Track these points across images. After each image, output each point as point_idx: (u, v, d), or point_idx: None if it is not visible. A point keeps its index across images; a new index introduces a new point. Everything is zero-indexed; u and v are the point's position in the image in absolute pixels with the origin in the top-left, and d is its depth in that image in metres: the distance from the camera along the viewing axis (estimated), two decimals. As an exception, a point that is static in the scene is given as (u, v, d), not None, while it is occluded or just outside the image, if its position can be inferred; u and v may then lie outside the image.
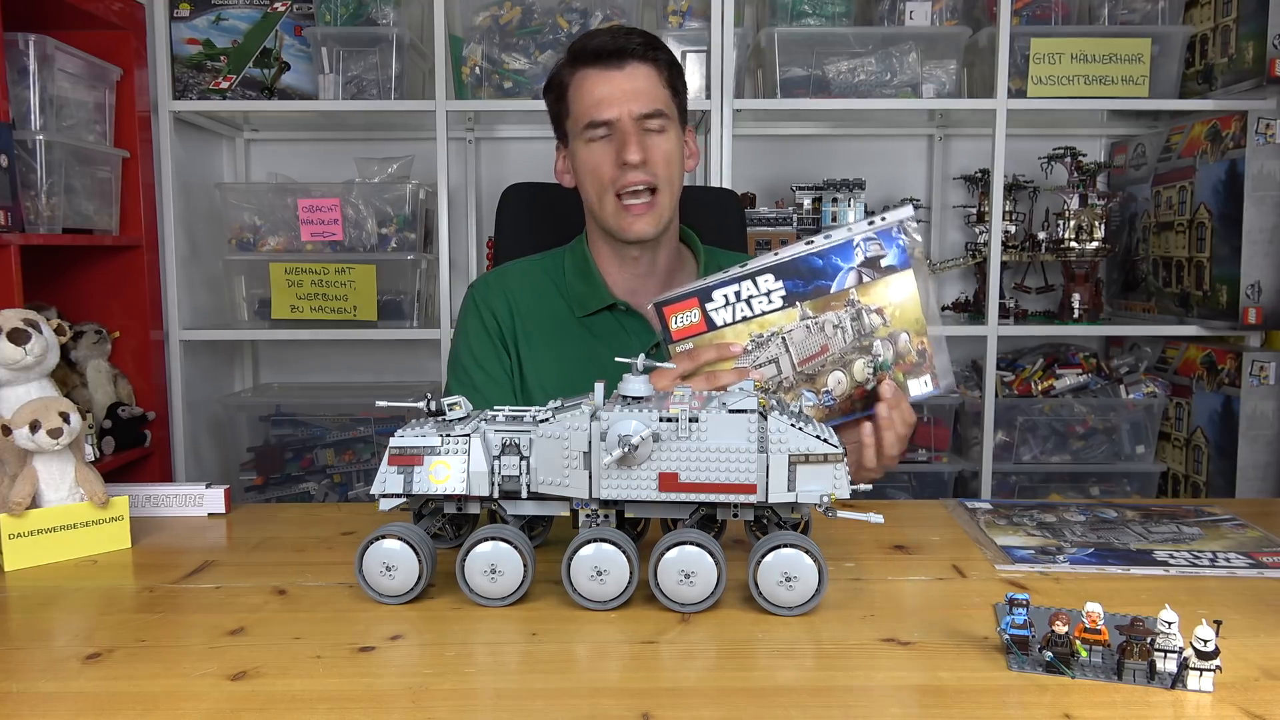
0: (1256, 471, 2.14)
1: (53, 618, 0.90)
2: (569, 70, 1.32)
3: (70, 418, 1.06)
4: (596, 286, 1.38)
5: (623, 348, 1.36)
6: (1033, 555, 1.03)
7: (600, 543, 0.88)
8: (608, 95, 1.28)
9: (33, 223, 1.76)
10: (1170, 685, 0.73)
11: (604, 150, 1.29)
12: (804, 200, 2.38)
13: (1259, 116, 2.06)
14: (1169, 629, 0.73)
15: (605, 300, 1.37)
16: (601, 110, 1.27)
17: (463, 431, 0.91)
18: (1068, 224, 2.31)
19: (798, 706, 0.71)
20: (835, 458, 0.87)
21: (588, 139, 1.30)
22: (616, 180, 1.28)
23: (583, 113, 1.29)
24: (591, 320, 1.38)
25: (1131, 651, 0.74)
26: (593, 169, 1.30)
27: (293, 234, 2.23)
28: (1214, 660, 0.72)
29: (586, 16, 2.19)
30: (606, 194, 1.30)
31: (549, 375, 1.37)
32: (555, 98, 1.35)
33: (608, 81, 1.28)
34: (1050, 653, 0.76)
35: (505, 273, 1.45)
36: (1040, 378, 2.39)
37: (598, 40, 1.29)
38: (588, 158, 1.31)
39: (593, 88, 1.28)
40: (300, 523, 1.21)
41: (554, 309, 1.39)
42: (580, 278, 1.40)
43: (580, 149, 1.31)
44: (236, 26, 2.24)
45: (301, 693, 0.73)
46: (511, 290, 1.41)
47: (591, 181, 1.31)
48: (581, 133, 1.30)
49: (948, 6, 2.24)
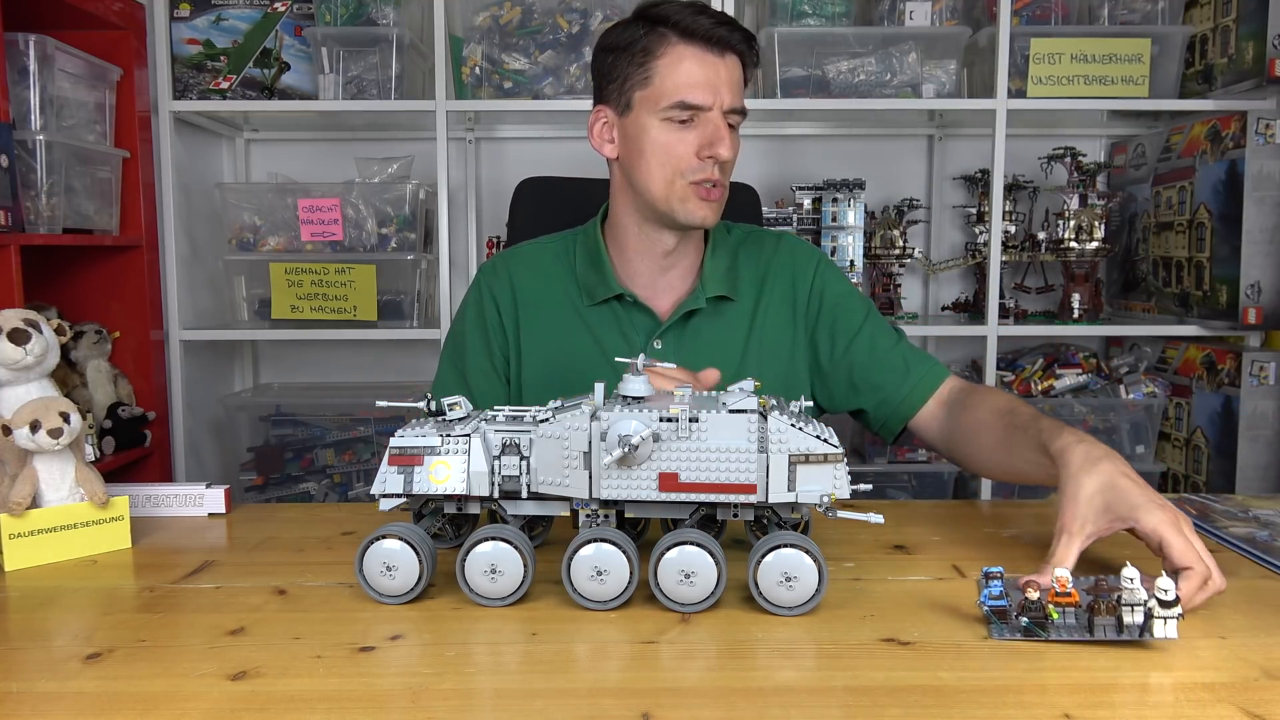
0: (1256, 472, 2.14)
1: (53, 618, 0.90)
2: (661, 38, 1.22)
3: (70, 418, 1.06)
4: (605, 275, 1.34)
5: (625, 339, 1.33)
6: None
7: (600, 543, 0.88)
8: (707, 81, 1.21)
9: (33, 223, 1.76)
10: (1139, 635, 0.78)
11: (685, 135, 1.23)
12: (804, 200, 2.38)
13: (1259, 116, 2.06)
14: (1132, 584, 0.78)
15: (613, 290, 1.33)
16: (697, 94, 1.21)
17: (463, 431, 0.91)
18: (1068, 224, 2.31)
19: (797, 706, 0.71)
20: (835, 458, 0.87)
21: (667, 118, 1.22)
22: (695, 170, 1.24)
23: (673, 90, 1.21)
24: (597, 309, 1.34)
25: (1100, 609, 0.78)
26: (667, 150, 1.23)
27: (293, 234, 2.23)
28: (1175, 608, 0.77)
29: (587, 16, 2.19)
30: (678, 178, 1.24)
31: (549, 362, 1.34)
32: (628, 59, 1.24)
33: (709, 67, 1.21)
34: (1026, 618, 0.80)
35: (514, 256, 1.41)
36: (1040, 378, 2.39)
37: (704, 21, 1.21)
38: (663, 138, 1.23)
39: (693, 68, 1.21)
40: (300, 523, 1.20)
41: (559, 296, 1.36)
42: (590, 265, 1.36)
43: (652, 124, 1.24)
44: (236, 26, 2.24)
45: (301, 693, 0.73)
46: (518, 276, 1.38)
47: (662, 162, 1.24)
48: (661, 109, 1.22)
49: (948, 6, 2.24)
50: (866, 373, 1.32)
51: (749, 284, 1.37)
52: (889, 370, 1.31)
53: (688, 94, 1.21)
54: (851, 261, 2.34)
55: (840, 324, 1.35)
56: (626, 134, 1.27)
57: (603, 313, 1.34)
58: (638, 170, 1.27)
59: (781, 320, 1.36)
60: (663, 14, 1.23)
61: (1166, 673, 0.76)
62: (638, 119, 1.25)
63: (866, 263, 2.40)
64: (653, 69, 1.23)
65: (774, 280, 1.37)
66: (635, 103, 1.25)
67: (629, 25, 1.26)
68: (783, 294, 1.37)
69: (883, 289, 2.43)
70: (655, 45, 1.23)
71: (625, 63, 1.25)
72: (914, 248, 2.42)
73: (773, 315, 1.36)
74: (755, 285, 1.37)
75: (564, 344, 1.34)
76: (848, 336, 1.34)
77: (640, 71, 1.24)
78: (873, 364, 1.32)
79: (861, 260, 2.35)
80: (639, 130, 1.25)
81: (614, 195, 1.35)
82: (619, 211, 1.34)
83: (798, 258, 1.39)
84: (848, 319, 1.35)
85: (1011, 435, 1.12)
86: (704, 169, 1.23)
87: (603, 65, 1.29)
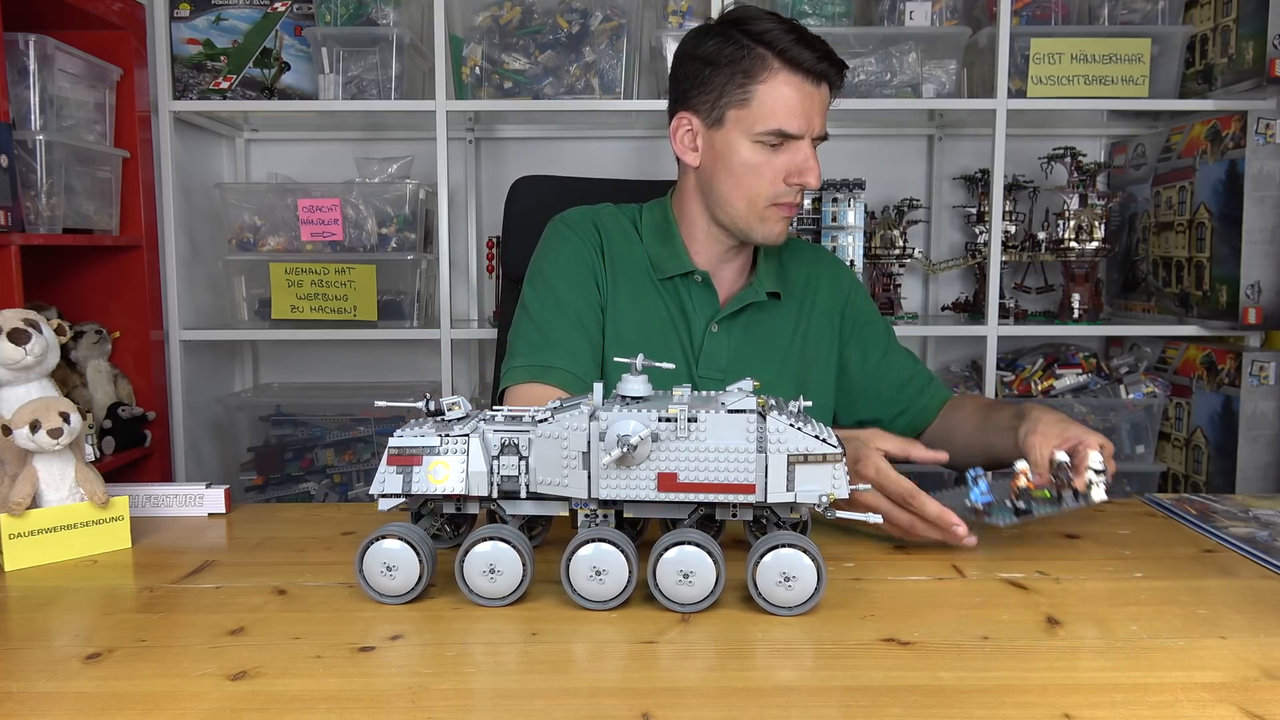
0: (1257, 472, 2.14)
1: (53, 618, 0.90)
2: (762, 62, 1.24)
3: (70, 418, 1.06)
4: (678, 251, 1.36)
5: (686, 317, 1.36)
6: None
7: (599, 543, 0.88)
8: (804, 111, 1.24)
9: (33, 223, 1.76)
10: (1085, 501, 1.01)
11: (774, 159, 1.26)
12: (804, 200, 2.37)
13: (1259, 116, 2.06)
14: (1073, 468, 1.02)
15: (685, 266, 1.36)
16: (795, 124, 1.24)
17: (461, 431, 0.91)
18: (1068, 224, 2.31)
19: (797, 706, 0.71)
20: (834, 458, 0.87)
21: (761, 140, 1.25)
22: (782, 195, 1.27)
23: (772, 116, 1.24)
24: (666, 284, 1.37)
25: (1064, 484, 1.02)
26: (756, 173, 1.27)
27: (293, 234, 2.23)
28: (1104, 474, 1.02)
29: (586, 16, 2.19)
30: (761, 199, 1.28)
31: (629, 329, 1.35)
32: (727, 77, 1.26)
33: (808, 97, 1.24)
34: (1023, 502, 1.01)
35: (596, 214, 1.42)
36: (1040, 378, 2.39)
37: (807, 54, 1.23)
38: (754, 159, 1.26)
39: (792, 96, 1.24)
40: (300, 523, 1.21)
41: (638, 261, 1.38)
42: (660, 240, 1.38)
43: (743, 145, 1.26)
44: (236, 26, 2.24)
45: (301, 693, 0.73)
46: (607, 231, 1.39)
47: (749, 183, 1.27)
48: (756, 133, 1.25)
49: (948, 6, 2.24)
50: (896, 388, 1.44)
51: (796, 286, 1.44)
52: (915, 387, 1.45)
53: (786, 123, 1.24)
54: (851, 261, 2.34)
55: (870, 340, 1.46)
56: (714, 147, 1.29)
57: (669, 288, 1.37)
58: (721, 184, 1.30)
59: (825, 326, 1.44)
60: (765, 36, 1.24)
61: (1166, 673, 0.76)
62: (728, 136, 1.27)
63: (866, 263, 2.40)
64: (752, 92, 1.24)
65: (820, 287, 1.45)
66: (728, 120, 1.27)
67: (726, 38, 1.26)
68: (826, 302, 1.45)
69: (883, 289, 2.43)
70: (756, 69, 1.24)
71: (723, 79, 1.26)
72: (914, 248, 2.42)
73: (818, 320, 1.44)
74: (802, 289, 1.44)
75: (644, 309, 1.36)
76: (879, 351, 1.45)
77: (739, 92, 1.25)
78: (901, 380, 1.45)
79: (861, 260, 2.35)
80: (728, 147, 1.27)
81: (684, 194, 1.38)
82: (688, 207, 1.37)
83: (837, 271, 1.50)
84: (876, 335, 1.47)
85: (988, 415, 1.31)
86: (789, 193, 1.28)
87: (695, 74, 1.29)
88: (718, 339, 1.36)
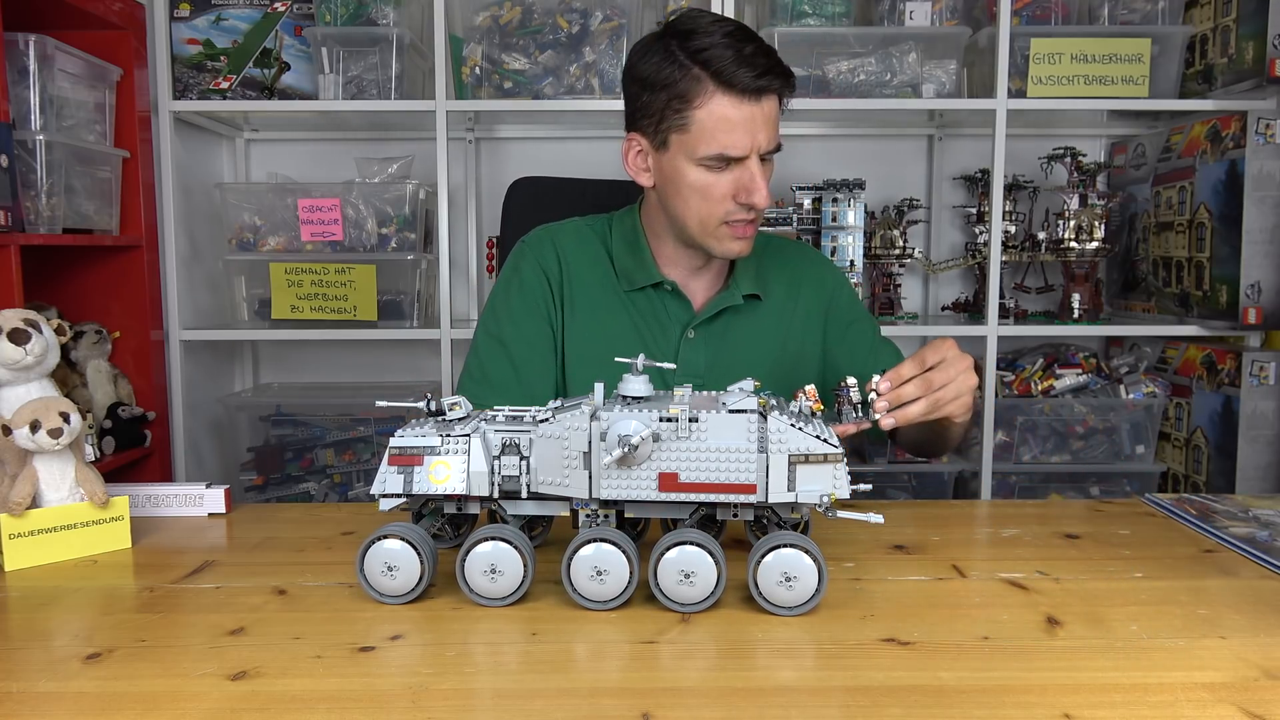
0: (1257, 472, 2.14)
1: (53, 618, 0.90)
2: (698, 84, 1.19)
3: (70, 418, 1.06)
4: (645, 262, 1.36)
5: (661, 327, 1.36)
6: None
7: (600, 543, 0.88)
8: (745, 130, 1.20)
9: (33, 223, 1.76)
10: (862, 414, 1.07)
11: (720, 179, 1.23)
12: (804, 200, 2.37)
13: (1259, 116, 2.06)
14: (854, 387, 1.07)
15: (653, 278, 1.35)
16: (737, 146, 1.20)
17: (462, 431, 0.91)
18: (1068, 224, 2.31)
19: (797, 706, 0.71)
20: (835, 458, 0.87)
21: (705, 165, 1.22)
22: (731, 213, 1.25)
23: (710, 141, 1.20)
24: (635, 295, 1.37)
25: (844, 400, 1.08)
26: (703, 194, 1.24)
27: (293, 234, 2.23)
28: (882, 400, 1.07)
29: (586, 16, 2.19)
30: (712, 219, 1.26)
31: (591, 345, 1.35)
32: (664, 102, 1.22)
33: (748, 117, 1.19)
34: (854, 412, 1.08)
35: (559, 231, 1.41)
36: (1040, 378, 2.39)
37: (743, 75, 1.18)
38: (700, 181, 1.23)
39: (728, 117, 1.19)
40: (300, 523, 1.21)
41: (601, 277, 1.38)
42: (628, 251, 1.37)
43: (688, 169, 1.23)
44: (236, 26, 2.24)
45: (301, 693, 0.73)
46: (565, 250, 1.38)
47: (698, 203, 1.25)
48: (699, 156, 1.22)
49: (948, 6, 2.24)
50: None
51: (778, 287, 1.42)
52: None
53: (727, 146, 1.20)
54: (851, 262, 2.34)
55: (857, 338, 1.44)
56: (662, 169, 1.28)
57: (639, 299, 1.37)
58: (672, 204, 1.29)
59: (812, 325, 1.42)
60: (702, 55, 1.19)
61: (1166, 673, 0.76)
62: (674, 159, 1.25)
63: (866, 263, 2.39)
64: (690, 117, 1.21)
65: (806, 287, 1.43)
66: (672, 143, 1.24)
67: (666, 55, 1.22)
68: (810, 302, 1.43)
69: (883, 289, 2.43)
70: (693, 92, 1.19)
71: (660, 103, 1.22)
72: (914, 248, 2.42)
73: (802, 320, 1.42)
74: (785, 289, 1.42)
75: (606, 324, 1.36)
76: (865, 350, 1.43)
77: (677, 117, 1.22)
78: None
79: (861, 260, 2.35)
80: (675, 170, 1.25)
81: (649, 207, 1.38)
82: (654, 220, 1.37)
83: (820, 270, 1.47)
84: (862, 334, 1.44)
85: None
86: (739, 211, 1.25)
87: (636, 96, 1.26)
88: (695, 345, 1.35)
